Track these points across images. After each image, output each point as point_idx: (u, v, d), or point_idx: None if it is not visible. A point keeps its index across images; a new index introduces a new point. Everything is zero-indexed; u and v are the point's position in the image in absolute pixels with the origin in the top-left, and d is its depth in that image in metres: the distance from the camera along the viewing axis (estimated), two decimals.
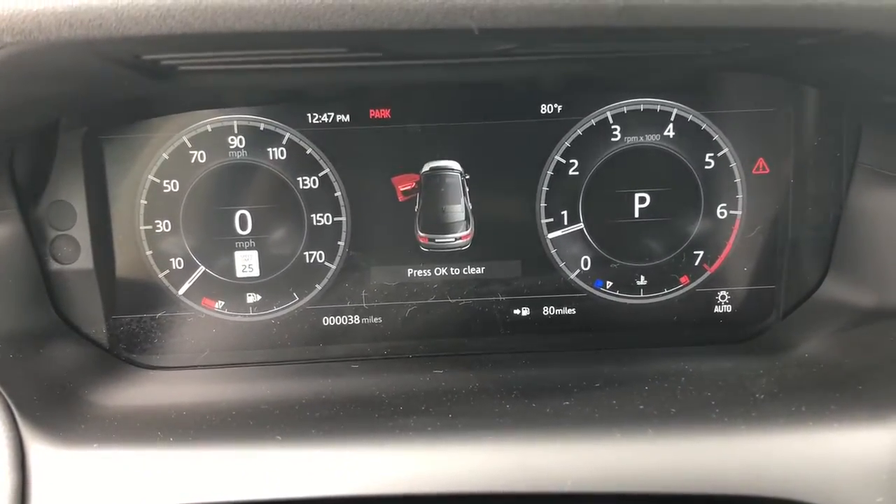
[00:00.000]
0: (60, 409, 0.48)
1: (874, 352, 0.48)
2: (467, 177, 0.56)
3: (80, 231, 0.53)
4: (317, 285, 0.56)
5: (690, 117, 0.54)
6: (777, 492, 0.41)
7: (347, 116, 0.54)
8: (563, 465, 0.43)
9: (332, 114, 0.54)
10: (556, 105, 0.53)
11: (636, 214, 0.56)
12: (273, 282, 0.57)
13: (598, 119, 0.54)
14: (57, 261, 0.54)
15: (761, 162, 0.55)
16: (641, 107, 0.54)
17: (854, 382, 0.46)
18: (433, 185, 0.55)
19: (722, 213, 0.56)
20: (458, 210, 0.55)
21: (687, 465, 0.42)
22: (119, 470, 0.44)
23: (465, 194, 0.55)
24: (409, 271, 0.56)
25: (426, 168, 0.54)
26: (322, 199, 0.56)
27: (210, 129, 0.53)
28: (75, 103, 0.50)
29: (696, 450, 0.43)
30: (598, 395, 0.48)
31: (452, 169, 0.55)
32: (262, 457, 0.44)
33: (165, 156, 0.53)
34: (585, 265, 0.56)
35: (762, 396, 0.46)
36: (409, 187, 0.55)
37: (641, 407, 0.46)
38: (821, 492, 0.41)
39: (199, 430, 0.47)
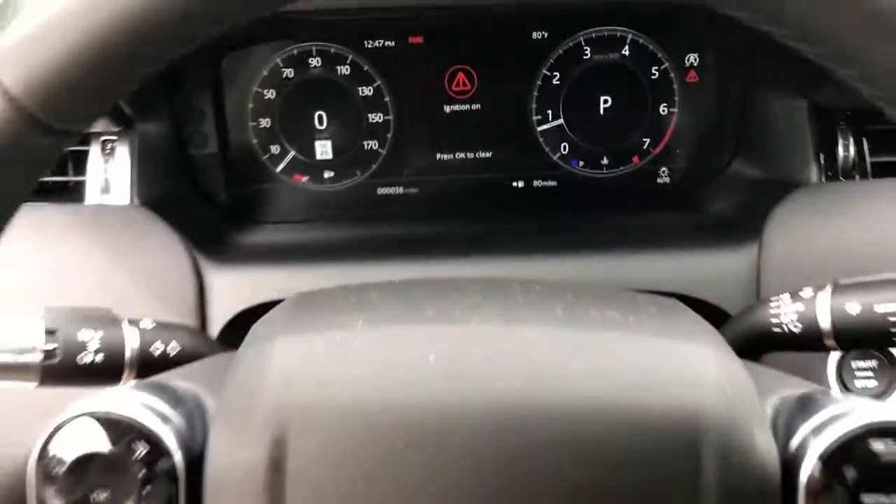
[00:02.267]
0: (216, 244, 0.65)
1: (757, 207, 0.64)
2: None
3: (209, 126, 0.71)
4: (373, 165, 0.73)
5: (641, 41, 0.71)
6: (677, 289, 0.61)
7: (393, 42, 0.72)
8: (534, 272, 0.61)
9: (382, 41, 0.72)
10: (543, 33, 0.71)
11: (601, 112, 0.72)
12: (342, 162, 0.73)
13: (573, 42, 0.70)
14: (195, 148, 0.73)
15: (693, 73, 0.73)
16: (605, 34, 0.71)
17: (735, 225, 0.64)
18: None
19: (664, 111, 0.72)
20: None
21: (608, 273, 0.61)
22: (276, 281, 0.61)
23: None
24: (438, 155, 0.74)
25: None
26: (376, 103, 0.71)
27: (296, 52, 0.72)
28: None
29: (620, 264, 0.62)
30: (566, 234, 0.67)
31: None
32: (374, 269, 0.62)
33: (265, 72, 0.72)
34: (564, 150, 0.73)
35: (666, 236, 0.64)
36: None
37: (594, 237, 0.66)
38: (705, 290, 0.58)
39: (317, 254, 0.65)
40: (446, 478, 0.32)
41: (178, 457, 0.35)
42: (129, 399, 0.36)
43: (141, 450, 0.35)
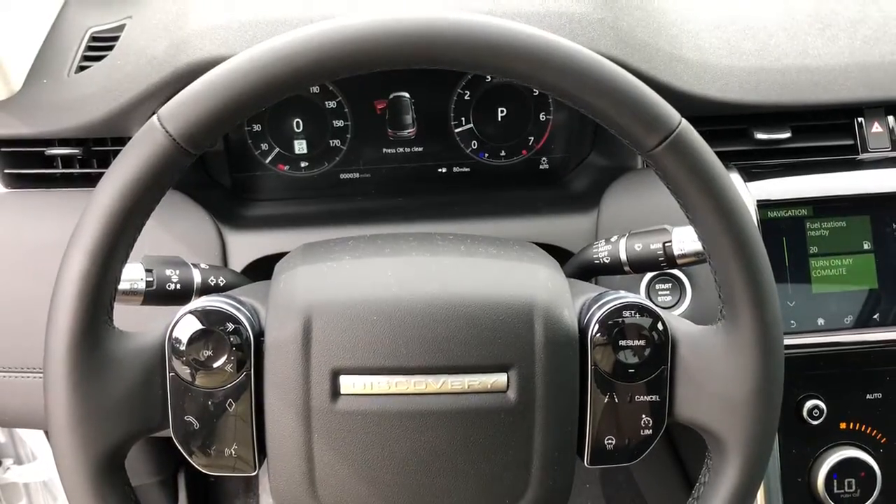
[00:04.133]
0: (228, 215, 0.82)
1: (601, 185, 0.86)
2: (413, 100, 0.94)
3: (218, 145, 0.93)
4: (336, 157, 0.92)
5: None
6: (545, 240, 0.81)
7: None
8: (451, 231, 0.80)
9: None
10: None
11: (500, 119, 0.91)
12: (314, 156, 0.90)
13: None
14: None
15: None
16: None
17: (586, 198, 0.86)
18: (395, 103, 0.95)
19: (543, 118, 0.91)
20: (408, 117, 0.95)
21: (501, 230, 0.84)
22: (273, 240, 0.80)
23: (412, 110, 0.94)
24: (384, 150, 0.92)
25: (391, 96, 0.94)
26: (338, 112, 0.89)
27: None
28: None
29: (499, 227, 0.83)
30: (475, 205, 0.88)
31: (405, 96, 0.94)
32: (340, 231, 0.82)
33: None
34: (475, 146, 0.91)
35: (541, 205, 0.86)
36: (382, 106, 0.95)
37: (492, 206, 0.88)
38: (564, 241, 0.81)
39: (299, 222, 0.83)
40: (398, 328, 0.57)
41: (249, 332, 0.62)
42: (215, 301, 0.63)
43: (229, 327, 0.61)
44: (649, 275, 0.79)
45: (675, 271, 0.78)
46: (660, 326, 0.58)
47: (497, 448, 0.58)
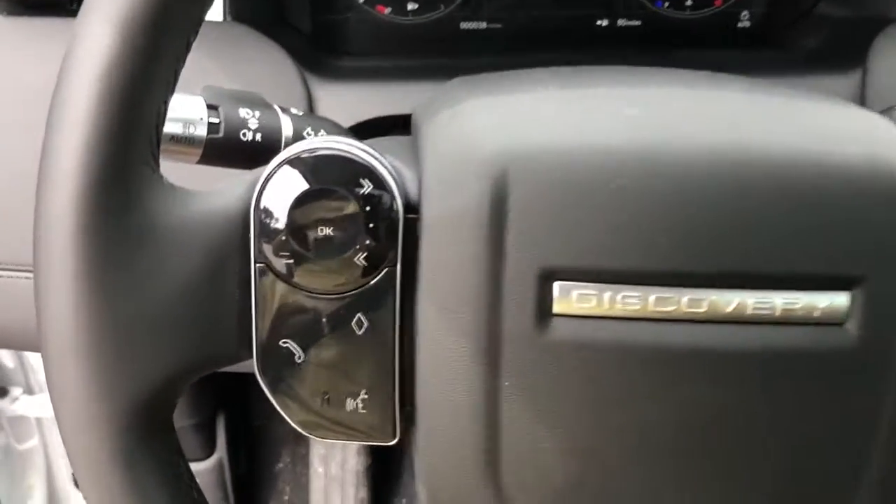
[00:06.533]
0: (314, 63, 0.64)
1: (853, 40, 0.67)
2: None
3: None
4: (456, 0, 0.74)
5: None
6: None
7: None
8: None
9: None
10: None
11: None
12: None
13: None
14: None
15: None
16: None
17: (832, 57, 0.66)
18: None
19: None
20: None
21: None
22: (379, 97, 0.60)
23: None
24: None
25: None
26: None
27: None
28: None
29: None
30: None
31: None
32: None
33: None
34: None
35: (761, 69, 0.67)
36: None
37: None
38: None
39: (412, 76, 0.64)
40: (658, 204, 0.34)
41: (397, 200, 0.36)
42: (337, 144, 0.36)
43: (364, 188, 0.36)
44: None
45: None
46: None
47: (820, 417, 0.37)
